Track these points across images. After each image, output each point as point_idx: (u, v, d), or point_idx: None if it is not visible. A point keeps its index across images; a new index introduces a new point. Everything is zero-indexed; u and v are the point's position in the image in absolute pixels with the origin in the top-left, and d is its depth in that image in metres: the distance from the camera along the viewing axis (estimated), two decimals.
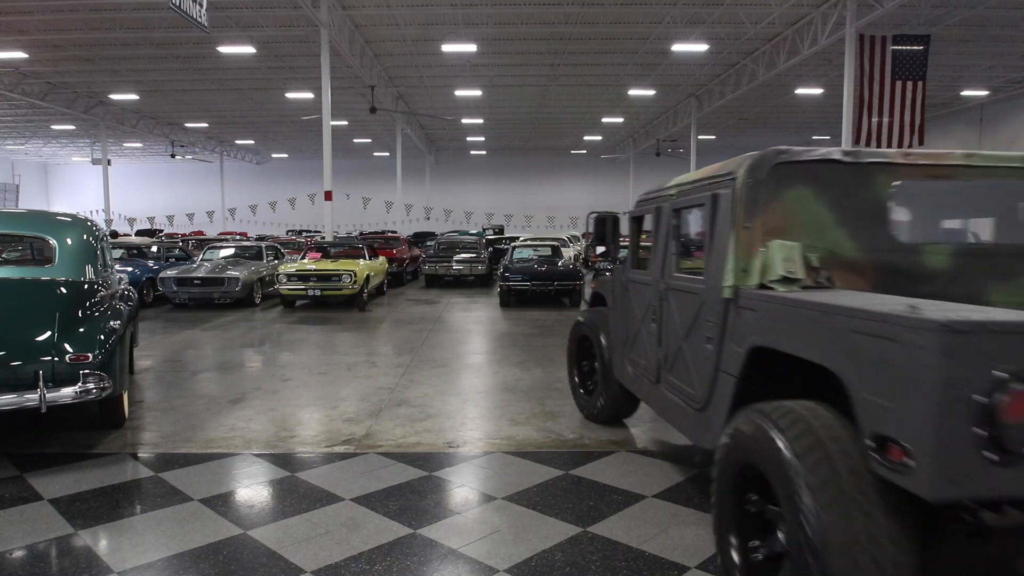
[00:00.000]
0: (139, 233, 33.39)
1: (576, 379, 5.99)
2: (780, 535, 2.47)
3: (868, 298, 2.60)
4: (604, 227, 5.40)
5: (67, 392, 4.50)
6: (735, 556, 2.74)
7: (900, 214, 3.26)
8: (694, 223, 3.89)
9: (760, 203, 3.09)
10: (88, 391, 4.56)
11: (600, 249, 5.40)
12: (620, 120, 34.94)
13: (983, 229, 3.57)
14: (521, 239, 20.32)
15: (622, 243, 7.15)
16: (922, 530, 2.29)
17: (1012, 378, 1.94)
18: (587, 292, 11.44)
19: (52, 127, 35.22)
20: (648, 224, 4.62)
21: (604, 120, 34.79)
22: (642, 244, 4.91)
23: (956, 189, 3.37)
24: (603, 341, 5.32)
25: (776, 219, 3.08)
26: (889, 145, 16.96)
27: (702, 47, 21.23)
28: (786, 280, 2.95)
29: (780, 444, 2.37)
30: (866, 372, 2.23)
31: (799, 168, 3.14)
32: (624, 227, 6.55)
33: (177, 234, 32.01)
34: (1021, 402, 1.93)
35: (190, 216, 47.57)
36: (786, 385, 2.91)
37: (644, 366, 4.41)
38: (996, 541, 2.28)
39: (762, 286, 3.00)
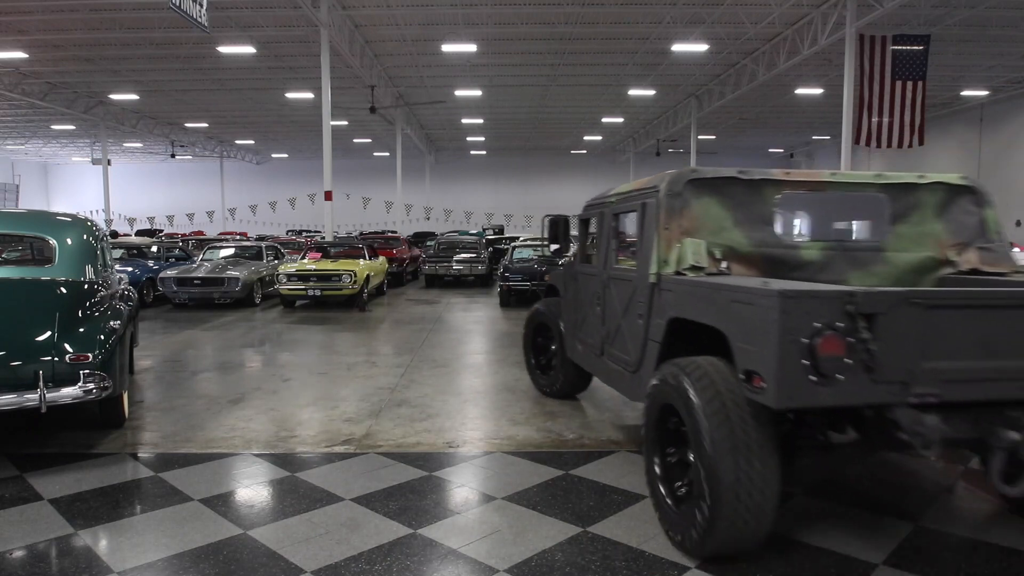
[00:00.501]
0: (139, 233, 33.37)
1: (532, 361, 6.76)
2: (688, 452, 3.30)
3: (741, 279, 3.58)
4: (557, 228, 6.18)
5: (67, 392, 4.50)
6: (657, 469, 3.65)
7: (783, 219, 4.19)
8: (629, 225, 4.74)
9: (676, 210, 3.97)
10: (88, 391, 4.56)
11: (554, 247, 6.24)
12: (620, 120, 34.93)
13: (848, 231, 4.69)
14: (521, 239, 20.32)
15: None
16: (787, 448, 3.29)
17: (824, 327, 2.80)
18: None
19: (52, 127, 35.21)
20: (593, 225, 5.41)
21: (604, 120, 34.77)
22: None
23: (825, 200, 4.35)
24: (561, 326, 6.08)
25: (688, 223, 3.97)
26: (889, 145, 16.96)
27: (702, 47, 21.23)
28: (694, 268, 3.81)
29: (687, 386, 3.23)
30: (739, 328, 3.10)
31: (706, 184, 4.04)
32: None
33: (177, 234, 31.98)
34: (830, 342, 2.79)
35: (190, 216, 47.55)
36: (693, 346, 3.74)
37: (591, 343, 5.21)
38: (837, 453, 3.59)
39: (678, 273, 3.83)
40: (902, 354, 2.90)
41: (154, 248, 17.18)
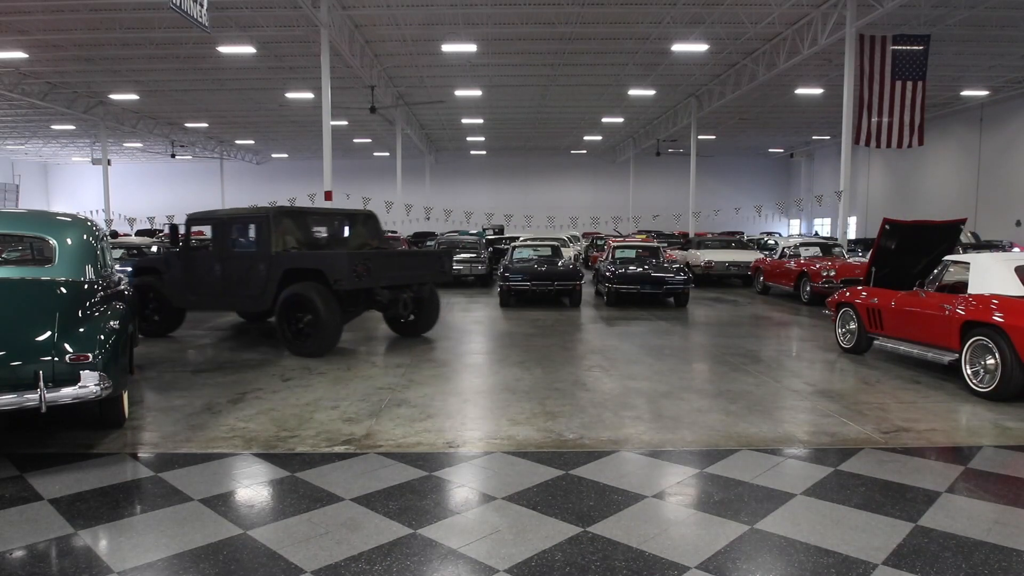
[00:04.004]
0: (139, 233, 33.31)
1: (143, 318, 10.09)
2: (307, 318, 8.36)
3: (323, 251, 9.37)
4: (175, 230, 9.90)
5: (67, 392, 4.49)
6: (287, 332, 8.53)
7: (310, 228, 9.54)
8: (242, 230, 9.37)
9: (278, 224, 8.94)
10: (88, 391, 4.56)
11: (176, 243, 10.01)
12: (620, 120, 34.94)
13: (337, 231, 10.19)
14: (521, 239, 20.31)
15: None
16: (343, 311, 8.71)
17: (358, 262, 8.36)
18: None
19: (52, 127, 35.20)
20: (201, 228, 10.46)
21: (604, 120, 34.78)
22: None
23: (328, 219, 10.23)
24: (165, 291, 9.87)
25: (283, 230, 8.97)
26: (889, 145, 16.95)
27: (702, 47, 21.24)
28: (291, 248, 8.97)
29: (313, 292, 8.25)
30: (328, 266, 8.36)
31: (287, 212, 9.49)
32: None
33: None
34: (362, 266, 8.38)
35: None
36: (290, 281, 8.56)
37: (210, 292, 9.38)
38: (357, 311, 9.37)
39: (284, 251, 8.82)
40: (377, 272, 8.53)
41: (154, 248, 17.16)
